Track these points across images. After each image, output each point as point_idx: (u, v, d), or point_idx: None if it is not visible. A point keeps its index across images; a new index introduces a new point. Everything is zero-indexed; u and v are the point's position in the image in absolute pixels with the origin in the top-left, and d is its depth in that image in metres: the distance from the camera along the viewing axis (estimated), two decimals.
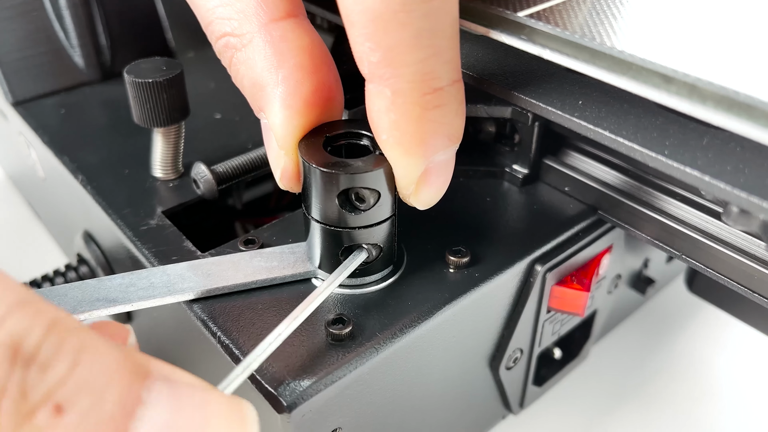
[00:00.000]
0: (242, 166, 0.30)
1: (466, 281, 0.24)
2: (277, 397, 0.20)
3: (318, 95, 0.22)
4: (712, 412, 0.33)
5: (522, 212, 0.28)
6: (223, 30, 0.22)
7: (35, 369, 0.13)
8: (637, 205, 0.27)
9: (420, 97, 0.19)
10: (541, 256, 0.26)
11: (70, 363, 0.13)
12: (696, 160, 0.20)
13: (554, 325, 0.30)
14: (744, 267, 0.24)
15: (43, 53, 0.37)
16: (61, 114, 0.36)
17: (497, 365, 0.28)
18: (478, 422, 0.31)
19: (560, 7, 0.24)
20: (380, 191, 0.22)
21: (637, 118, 0.22)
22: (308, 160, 0.21)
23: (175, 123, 0.29)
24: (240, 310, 0.23)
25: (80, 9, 0.37)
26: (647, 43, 0.21)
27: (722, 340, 0.37)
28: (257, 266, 0.24)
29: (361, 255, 0.23)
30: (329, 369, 0.21)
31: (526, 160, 0.29)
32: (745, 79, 0.19)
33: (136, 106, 0.28)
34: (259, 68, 0.21)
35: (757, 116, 0.18)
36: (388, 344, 0.22)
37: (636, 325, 0.38)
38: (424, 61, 0.19)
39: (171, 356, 0.30)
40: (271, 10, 0.21)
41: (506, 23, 0.23)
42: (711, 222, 0.25)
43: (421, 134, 0.20)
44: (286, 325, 0.20)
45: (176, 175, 0.30)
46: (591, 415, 0.33)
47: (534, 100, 0.24)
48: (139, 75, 0.27)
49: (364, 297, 0.24)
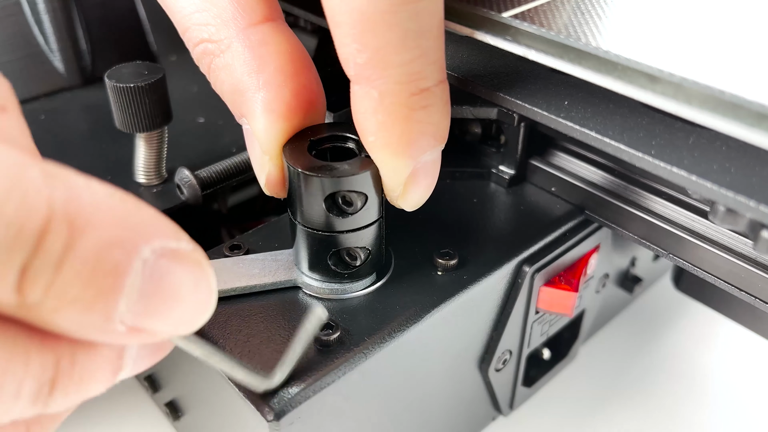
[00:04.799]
0: (227, 171, 0.29)
1: (454, 284, 0.24)
2: (265, 405, 0.20)
3: (300, 98, 0.21)
4: (701, 409, 0.33)
5: (509, 213, 0.28)
6: (200, 36, 0.21)
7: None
8: (624, 204, 0.27)
9: (407, 97, 0.19)
10: (528, 257, 0.26)
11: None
12: (682, 159, 0.20)
13: (543, 326, 0.30)
14: (730, 265, 0.24)
15: (21, 58, 0.36)
16: (41, 120, 0.35)
17: (486, 367, 0.28)
18: (469, 424, 0.30)
19: (545, 8, 0.24)
20: (367, 194, 0.22)
21: (623, 118, 0.22)
22: (293, 165, 0.21)
23: (158, 128, 0.29)
24: (227, 317, 0.23)
25: (60, 13, 0.36)
26: (632, 43, 0.21)
27: (710, 338, 0.37)
28: (239, 273, 0.24)
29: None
30: (318, 375, 0.21)
31: (512, 161, 0.29)
32: (730, 78, 0.19)
33: (117, 111, 0.28)
34: (239, 73, 0.21)
35: (742, 115, 0.18)
36: (377, 349, 0.22)
37: (624, 324, 0.38)
38: (412, 62, 0.19)
39: (158, 362, 0.29)
40: (249, 15, 0.21)
41: (491, 24, 0.23)
42: (698, 220, 0.25)
43: (409, 135, 0.20)
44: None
45: (160, 180, 0.30)
46: (581, 415, 0.33)
47: (519, 101, 0.24)
48: (120, 80, 0.27)
49: (352, 302, 0.24)
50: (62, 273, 0.13)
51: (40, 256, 0.13)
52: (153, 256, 0.14)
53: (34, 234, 0.13)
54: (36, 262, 0.13)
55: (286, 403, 0.20)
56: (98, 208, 0.14)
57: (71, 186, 0.13)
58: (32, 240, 0.13)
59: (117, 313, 0.14)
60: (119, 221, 0.14)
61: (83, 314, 0.14)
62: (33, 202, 0.13)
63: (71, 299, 0.13)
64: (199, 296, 0.15)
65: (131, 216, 0.14)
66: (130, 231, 0.14)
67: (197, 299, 0.15)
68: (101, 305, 0.14)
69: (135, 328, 0.14)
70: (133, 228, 0.14)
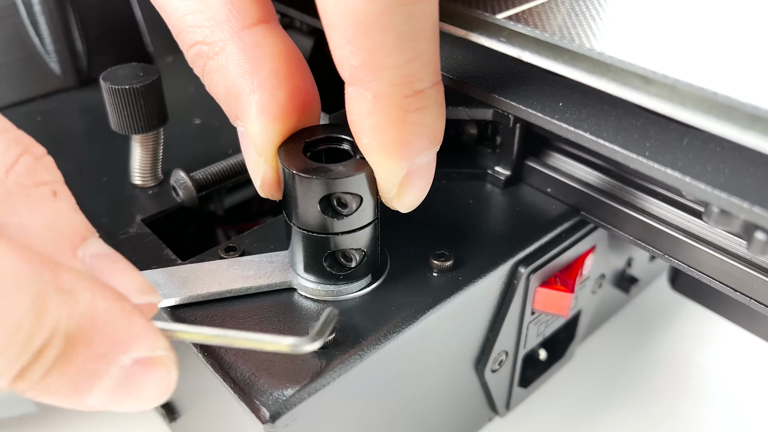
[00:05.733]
0: (222, 172, 0.29)
1: (450, 285, 0.24)
2: (260, 407, 0.20)
3: (295, 100, 0.21)
4: (697, 409, 0.33)
5: (505, 214, 0.28)
6: (194, 38, 0.21)
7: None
8: (620, 205, 0.27)
9: (401, 99, 0.19)
10: (524, 258, 0.26)
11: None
12: (677, 161, 0.20)
13: (539, 327, 0.30)
14: (725, 266, 0.24)
15: (17, 60, 0.36)
16: (37, 121, 0.35)
17: (483, 368, 0.28)
18: (465, 425, 0.30)
19: (539, 9, 0.24)
20: (362, 195, 0.22)
21: (617, 120, 0.22)
22: (289, 167, 0.21)
23: (154, 129, 0.29)
24: (222, 319, 0.23)
25: (55, 14, 0.36)
26: (626, 44, 0.21)
27: (706, 338, 0.37)
28: (234, 275, 0.24)
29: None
30: (313, 377, 0.21)
31: (508, 161, 0.29)
32: (724, 80, 0.19)
33: (113, 112, 0.28)
34: (234, 76, 0.21)
35: (736, 117, 0.18)
36: (373, 350, 0.22)
37: (620, 324, 0.38)
38: (406, 64, 0.19)
39: None
40: (243, 17, 0.21)
41: (486, 26, 0.23)
42: (693, 221, 0.25)
43: (403, 137, 0.20)
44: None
45: (155, 182, 0.30)
46: (577, 416, 0.33)
47: (514, 103, 0.24)
48: (115, 81, 0.27)
49: (348, 303, 0.24)
50: (50, 376, 0.16)
51: (37, 362, 0.15)
52: (129, 363, 0.17)
53: (37, 347, 0.15)
54: (33, 366, 0.15)
55: (281, 404, 0.20)
56: (94, 325, 0.16)
57: (79, 303, 0.16)
58: (34, 352, 0.15)
59: (87, 401, 0.17)
60: (109, 337, 0.16)
61: (59, 400, 0.17)
62: (45, 323, 0.15)
63: (51, 391, 0.16)
64: (159, 390, 0.18)
65: (122, 329, 0.17)
66: (116, 345, 0.16)
67: (157, 393, 0.18)
68: (74, 398, 0.17)
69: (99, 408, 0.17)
70: (120, 341, 0.17)
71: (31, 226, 0.18)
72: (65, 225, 0.18)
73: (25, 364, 0.15)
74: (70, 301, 0.16)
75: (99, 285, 0.16)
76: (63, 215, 0.18)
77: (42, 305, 0.15)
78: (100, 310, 0.16)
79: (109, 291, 0.17)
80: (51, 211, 0.18)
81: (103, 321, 0.16)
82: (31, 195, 0.18)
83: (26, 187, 0.18)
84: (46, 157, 0.19)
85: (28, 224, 0.18)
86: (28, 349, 0.15)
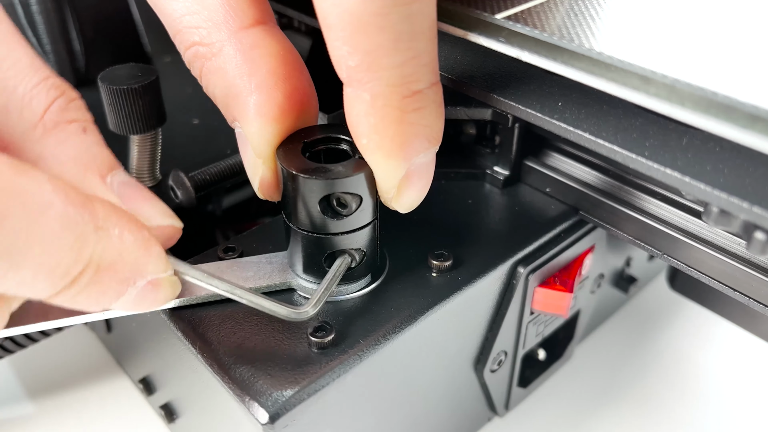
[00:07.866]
0: (221, 173, 0.29)
1: (449, 285, 0.24)
2: (259, 408, 0.20)
3: (293, 101, 0.21)
4: (696, 408, 0.33)
5: (504, 214, 0.28)
6: (191, 39, 0.21)
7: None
8: (619, 205, 0.27)
9: (399, 100, 0.19)
10: (523, 258, 0.26)
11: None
12: (676, 160, 0.20)
13: (538, 327, 0.30)
14: (724, 266, 0.24)
15: None
16: None
17: (482, 368, 0.28)
18: (464, 425, 0.30)
19: (538, 9, 0.24)
20: (362, 196, 0.22)
21: (616, 120, 0.22)
22: (287, 167, 0.21)
23: (152, 130, 0.28)
24: (221, 320, 0.23)
25: (52, 14, 0.36)
26: (626, 44, 0.21)
27: (705, 337, 0.37)
28: (233, 276, 0.24)
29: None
30: (312, 378, 0.21)
31: (507, 161, 0.29)
32: (724, 79, 0.19)
33: (111, 113, 0.27)
34: (231, 77, 0.21)
35: (735, 117, 0.18)
36: (372, 351, 0.22)
37: (619, 324, 0.38)
38: (404, 65, 0.19)
39: (153, 365, 0.29)
40: (240, 18, 0.21)
41: (484, 25, 0.23)
42: (692, 221, 0.25)
43: (402, 137, 0.20)
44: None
45: (154, 182, 0.30)
46: (576, 416, 0.33)
47: (513, 103, 0.24)
48: (113, 81, 0.27)
49: (347, 303, 0.24)
50: (79, 295, 0.19)
51: (71, 287, 0.18)
52: (143, 283, 0.20)
53: (73, 276, 0.18)
54: (67, 289, 0.18)
55: (280, 405, 0.20)
56: (121, 256, 0.19)
57: (110, 238, 0.18)
58: (71, 279, 0.18)
59: (105, 310, 0.20)
60: (131, 264, 0.19)
61: (83, 308, 0.19)
62: (82, 258, 0.18)
63: (78, 304, 0.19)
64: (163, 302, 0.21)
65: (141, 257, 0.19)
66: (135, 272, 0.20)
67: (161, 303, 0.21)
68: (96, 308, 0.20)
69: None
70: (138, 269, 0.20)
71: (65, 156, 0.21)
72: (94, 156, 0.21)
73: (60, 288, 0.18)
74: (104, 238, 0.18)
75: (125, 218, 0.19)
76: (92, 148, 0.21)
77: (82, 243, 0.18)
78: (127, 242, 0.19)
79: (134, 223, 0.19)
80: (81, 144, 0.21)
81: (128, 251, 0.19)
82: (64, 130, 0.21)
83: (59, 123, 0.21)
84: (79, 100, 0.22)
85: (61, 155, 0.21)
86: (66, 278, 0.18)
